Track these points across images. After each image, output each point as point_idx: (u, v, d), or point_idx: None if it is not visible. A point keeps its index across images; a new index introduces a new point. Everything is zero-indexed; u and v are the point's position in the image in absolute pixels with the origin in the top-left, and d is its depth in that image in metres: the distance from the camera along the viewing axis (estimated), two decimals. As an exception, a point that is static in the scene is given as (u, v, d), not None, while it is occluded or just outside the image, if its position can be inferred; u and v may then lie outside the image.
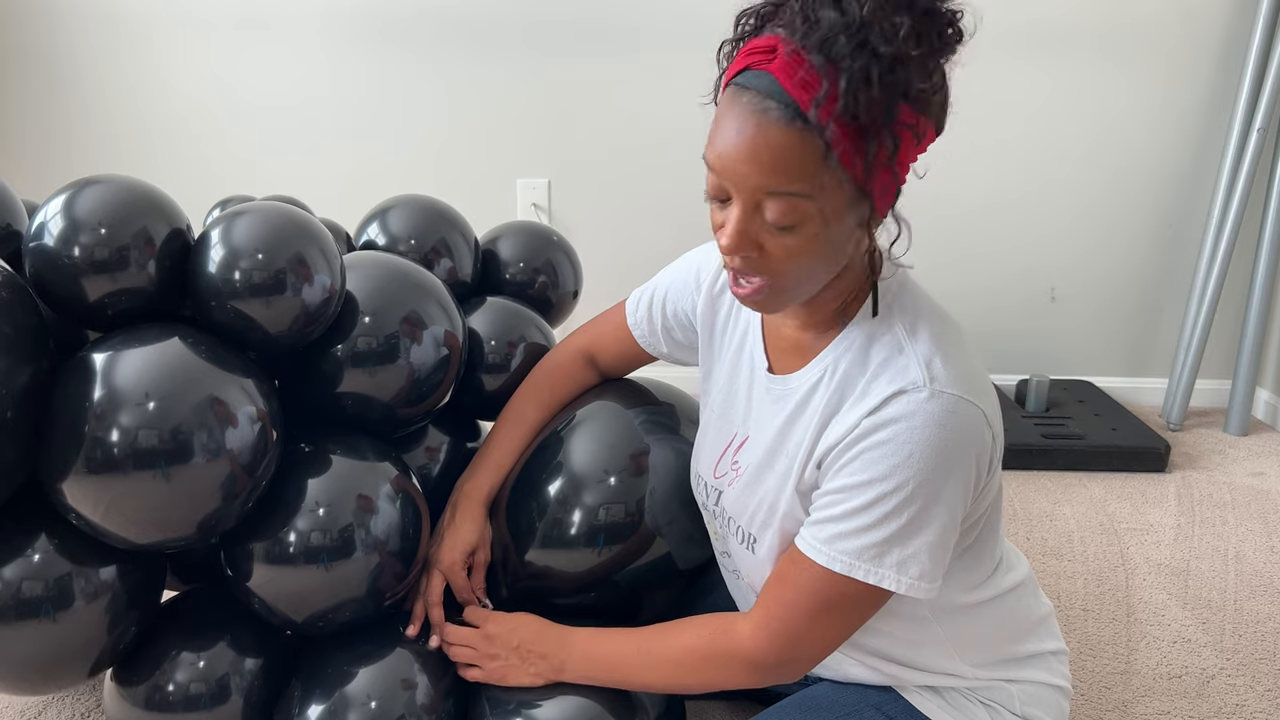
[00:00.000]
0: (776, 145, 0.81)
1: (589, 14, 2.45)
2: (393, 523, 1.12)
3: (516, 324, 1.39)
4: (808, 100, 0.79)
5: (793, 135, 0.80)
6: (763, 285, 0.89)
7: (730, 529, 1.09)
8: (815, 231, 0.85)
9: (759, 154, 0.82)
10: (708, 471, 1.13)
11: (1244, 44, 2.39)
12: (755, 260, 0.88)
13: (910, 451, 0.88)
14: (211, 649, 1.14)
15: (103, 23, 2.48)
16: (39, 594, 1.02)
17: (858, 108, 0.78)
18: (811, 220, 0.84)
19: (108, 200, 1.04)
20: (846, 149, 0.80)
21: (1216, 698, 1.46)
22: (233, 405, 1.02)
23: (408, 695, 1.09)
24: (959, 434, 0.89)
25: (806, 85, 0.79)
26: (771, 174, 0.82)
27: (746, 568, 1.09)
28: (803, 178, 0.81)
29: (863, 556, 0.90)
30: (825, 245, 0.86)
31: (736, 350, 1.11)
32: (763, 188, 0.83)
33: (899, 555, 0.90)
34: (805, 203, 0.83)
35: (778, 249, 0.86)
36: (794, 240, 0.85)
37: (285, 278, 1.06)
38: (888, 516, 0.89)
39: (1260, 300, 2.43)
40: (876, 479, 0.89)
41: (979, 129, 2.48)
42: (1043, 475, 2.23)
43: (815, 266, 0.88)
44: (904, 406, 0.89)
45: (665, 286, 1.22)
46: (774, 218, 0.84)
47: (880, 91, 0.78)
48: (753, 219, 0.86)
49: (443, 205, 1.47)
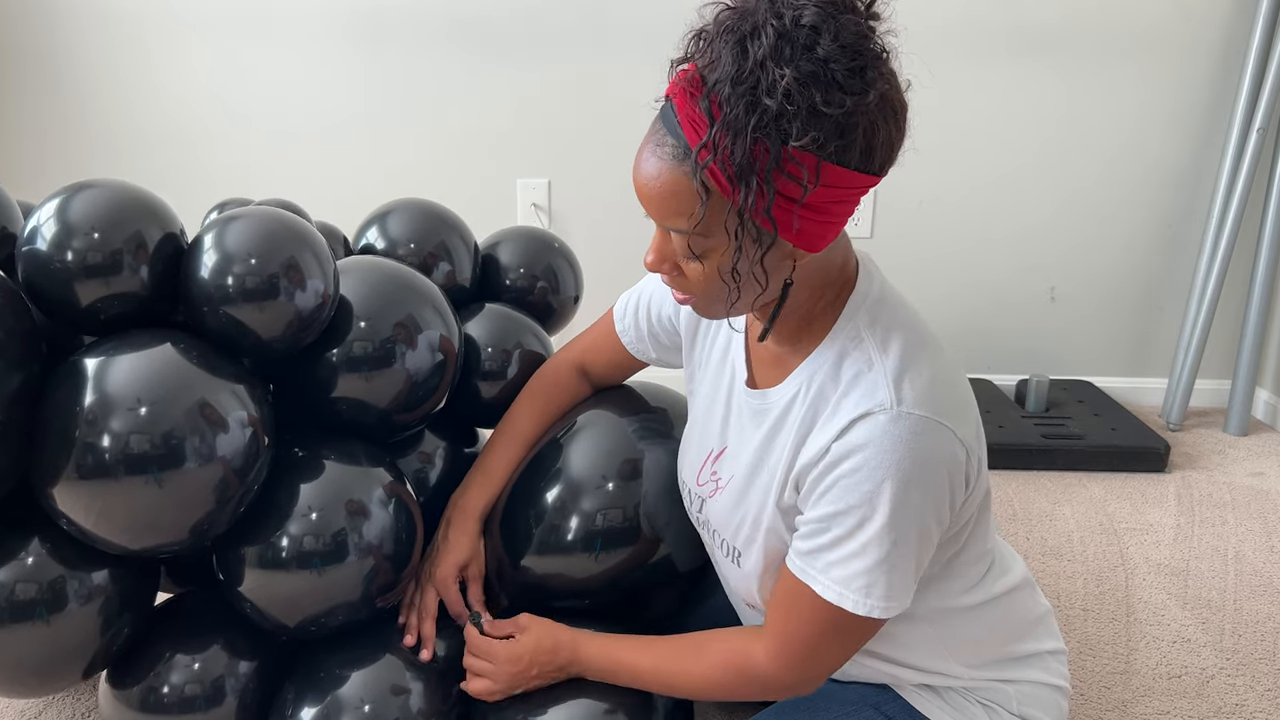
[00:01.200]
0: (667, 184, 0.85)
1: (589, 14, 2.45)
2: (385, 528, 1.12)
3: (513, 331, 1.39)
4: (695, 140, 0.81)
5: (681, 175, 0.83)
6: (690, 300, 0.94)
7: (715, 540, 1.10)
8: (721, 263, 0.87)
9: (654, 191, 0.86)
10: (691, 478, 1.14)
11: (1244, 44, 2.39)
12: (677, 279, 0.93)
13: (882, 478, 0.88)
14: (206, 651, 1.14)
15: (102, 23, 2.48)
16: (32, 597, 1.02)
17: (731, 155, 0.79)
18: (714, 252, 0.87)
19: (101, 204, 1.04)
20: (728, 192, 0.81)
21: (1216, 698, 1.46)
22: (224, 411, 1.02)
23: (401, 700, 1.09)
24: (928, 456, 0.89)
25: (695, 126, 0.81)
26: (665, 211, 0.86)
27: (733, 580, 1.10)
28: (692, 216, 0.84)
29: (851, 586, 0.91)
30: (741, 275, 0.88)
31: (720, 360, 1.11)
32: (662, 220, 0.88)
33: (886, 583, 0.91)
34: (699, 239, 0.86)
35: (691, 273, 0.90)
36: (703, 267, 0.89)
37: (278, 283, 1.06)
38: (868, 545, 0.90)
39: (1260, 300, 2.43)
40: (854, 506, 0.89)
41: (979, 130, 2.48)
42: (1043, 475, 2.22)
43: (734, 292, 0.90)
44: (870, 431, 0.89)
45: (650, 291, 1.22)
46: (677, 248, 0.89)
47: (752, 142, 0.78)
48: (666, 243, 0.91)
49: (442, 209, 1.47)
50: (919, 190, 2.51)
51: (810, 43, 0.78)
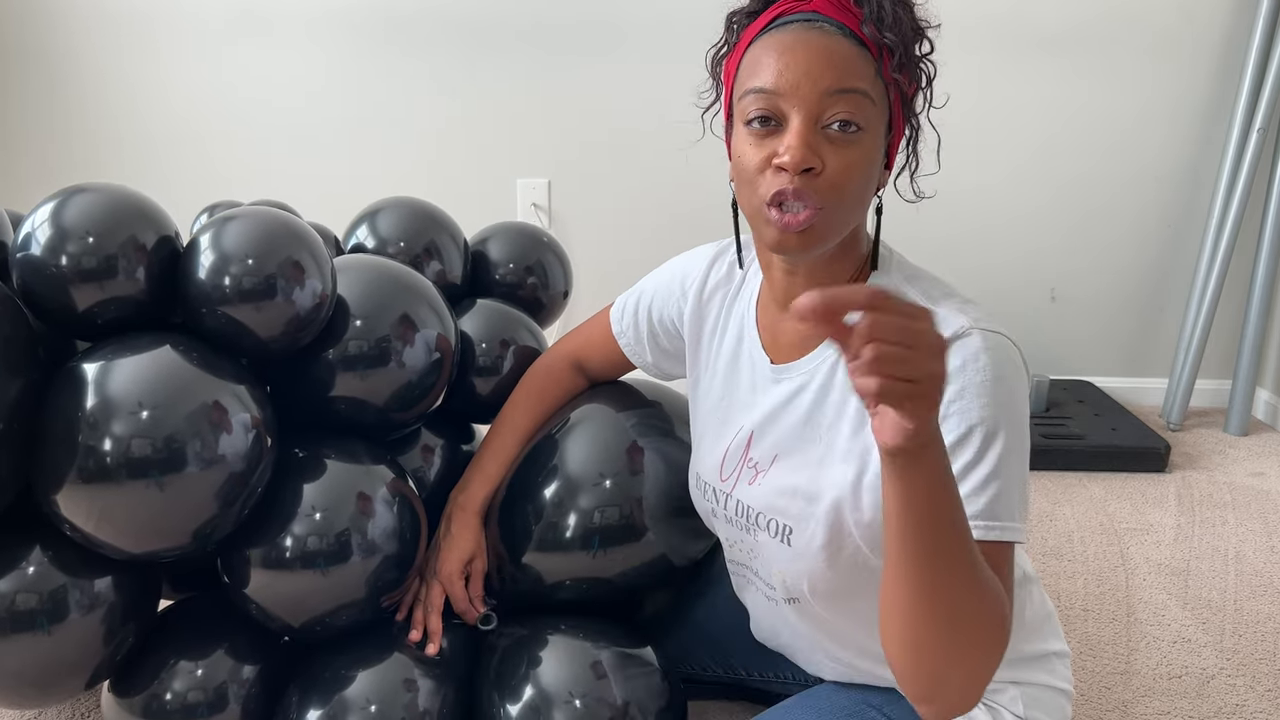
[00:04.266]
0: (839, 49, 0.87)
1: (589, 14, 2.45)
2: (389, 526, 1.12)
3: (506, 326, 1.38)
4: (856, 22, 0.87)
5: (850, 45, 0.87)
6: (813, 214, 0.88)
7: (759, 524, 1.04)
8: (870, 146, 0.89)
9: (827, 56, 0.87)
10: (712, 476, 1.11)
11: (1244, 44, 2.39)
12: (812, 181, 0.87)
13: (993, 389, 0.86)
14: (209, 657, 1.14)
15: (102, 23, 2.48)
16: (34, 607, 1.02)
17: (898, 30, 0.87)
18: (869, 130, 0.88)
19: (95, 208, 1.04)
20: (890, 68, 0.88)
21: (1216, 698, 1.46)
22: (226, 412, 1.02)
23: (407, 698, 1.09)
24: (1016, 363, 0.90)
25: (850, 13, 0.88)
26: (840, 72, 0.87)
27: (778, 563, 1.04)
28: (864, 78, 0.87)
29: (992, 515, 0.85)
30: (871, 168, 0.90)
31: (733, 353, 1.10)
32: (831, 87, 0.86)
33: (1019, 499, 0.87)
34: (868, 103, 0.88)
35: (837, 163, 0.87)
36: (853, 153, 0.88)
37: (276, 283, 1.06)
38: (999, 462, 0.86)
39: (1260, 300, 2.43)
40: (975, 425, 0.86)
41: (979, 129, 2.48)
42: (1043, 475, 2.22)
43: (861, 192, 0.91)
44: (970, 346, 0.88)
45: (651, 293, 1.21)
46: (844, 115, 0.87)
47: (909, 20, 0.88)
48: (814, 130, 0.87)
49: (432, 207, 1.46)
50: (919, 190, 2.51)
51: None
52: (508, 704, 1.10)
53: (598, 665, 1.11)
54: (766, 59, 0.88)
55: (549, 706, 1.08)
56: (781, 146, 0.87)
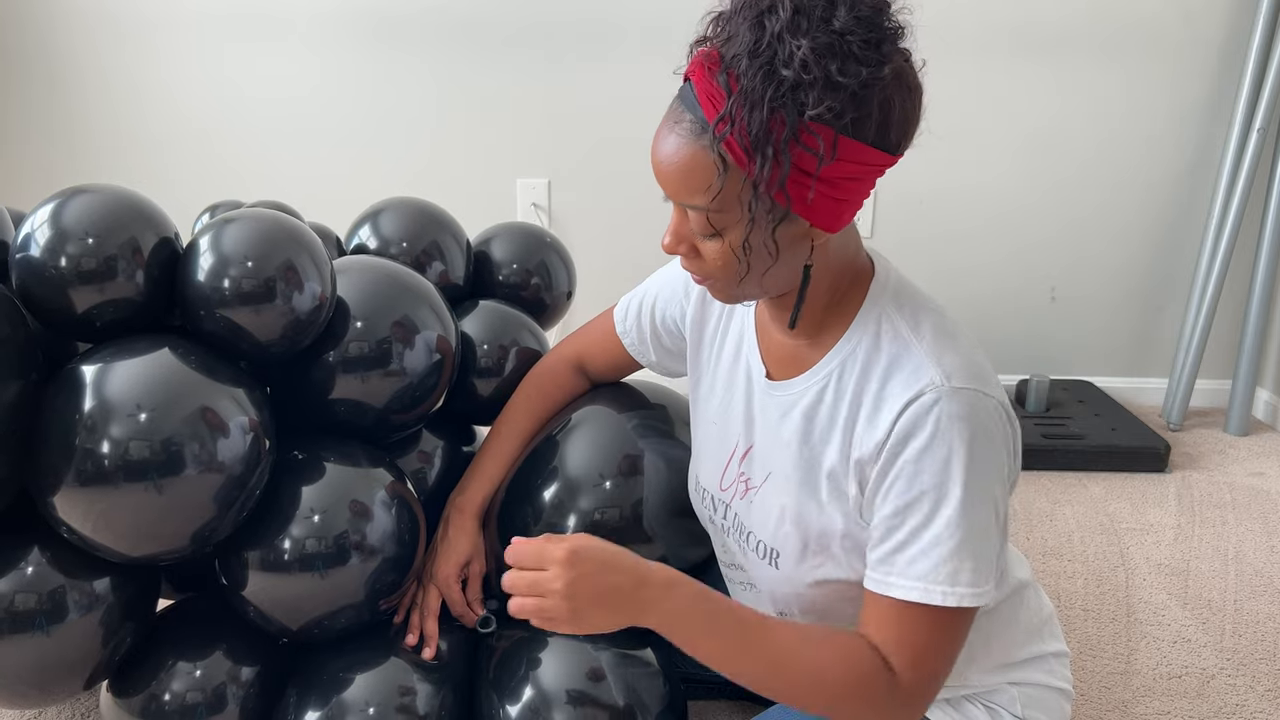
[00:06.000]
0: (685, 160, 0.85)
1: (590, 14, 2.45)
2: (388, 528, 1.12)
3: (508, 328, 1.38)
4: (712, 115, 0.82)
5: (699, 150, 0.84)
6: (709, 283, 0.94)
7: (749, 543, 1.06)
8: (737, 240, 0.87)
9: (672, 167, 0.86)
10: (712, 484, 1.11)
11: (1244, 44, 2.39)
12: (695, 261, 0.92)
13: (947, 456, 0.87)
14: (207, 658, 1.14)
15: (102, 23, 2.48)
16: (32, 607, 1.02)
17: (749, 126, 0.80)
18: (731, 229, 0.87)
19: (94, 210, 1.04)
20: (744, 164, 0.82)
21: (1216, 698, 1.46)
22: (224, 415, 1.02)
23: (406, 700, 1.09)
24: (985, 427, 0.88)
25: (713, 100, 0.82)
26: (682, 188, 0.86)
27: (768, 582, 1.06)
28: (709, 192, 0.84)
29: (935, 578, 0.87)
30: (756, 255, 0.87)
31: (732, 361, 1.09)
32: (678, 198, 0.88)
33: (972, 568, 0.87)
34: (717, 215, 0.86)
35: (708, 253, 0.90)
36: (719, 246, 0.88)
37: (275, 285, 1.06)
38: (949, 527, 0.87)
39: (1260, 300, 2.42)
40: (926, 491, 0.87)
41: (979, 129, 2.47)
42: (1043, 475, 2.22)
43: (752, 272, 0.89)
44: (927, 409, 0.88)
45: (654, 293, 1.21)
46: (694, 226, 0.89)
47: (768, 113, 0.79)
48: (684, 223, 0.91)
49: (434, 207, 1.46)
50: (919, 189, 2.51)
51: (827, 15, 0.79)
52: (507, 705, 1.10)
53: (597, 666, 1.11)
54: (658, 131, 0.89)
55: (549, 708, 1.08)
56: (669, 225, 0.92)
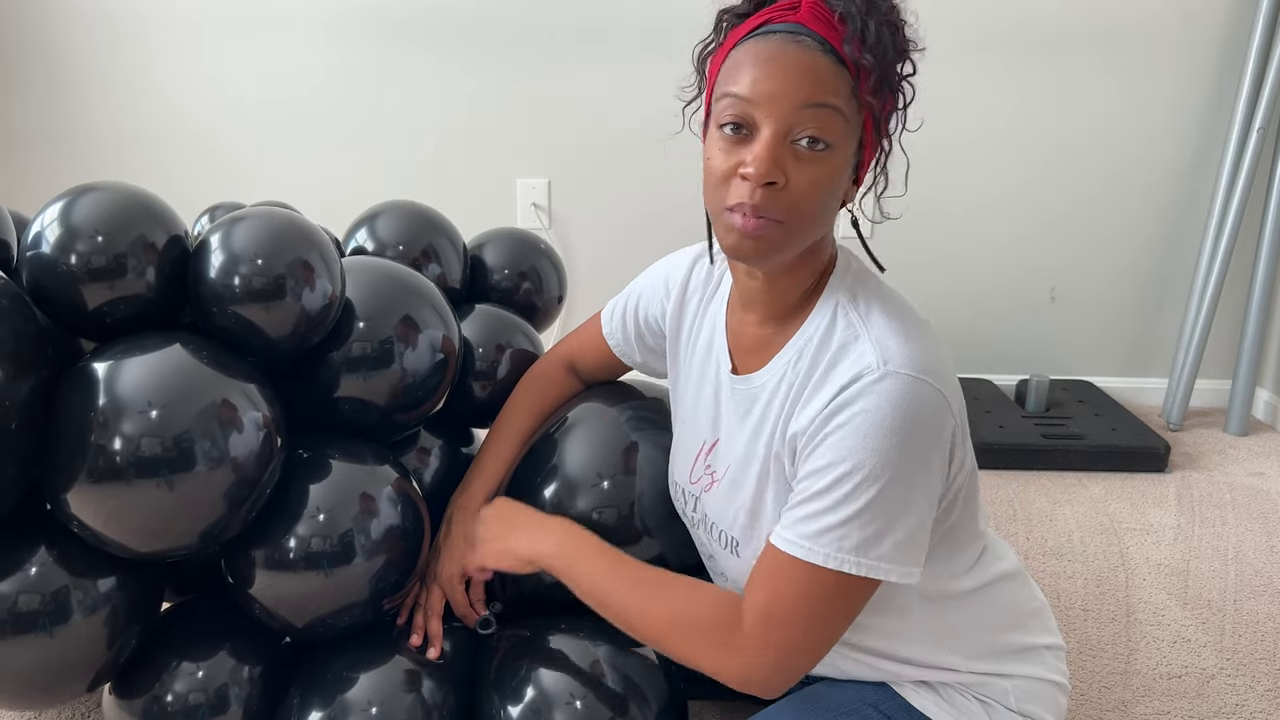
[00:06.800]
0: (816, 63, 0.87)
1: (590, 14, 2.45)
2: (393, 526, 1.13)
3: (504, 331, 1.40)
4: (838, 39, 0.87)
5: (829, 62, 0.87)
6: (773, 224, 0.89)
7: (713, 534, 1.09)
8: (837, 163, 0.89)
9: (801, 69, 0.87)
10: (684, 478, 1.14)
11: (1244, 44, 2.39)
12: (774, 195, 0.88)
13: (866, 432, 0.88)
14: (210, 659, 1.14)
15: (101, 23, 2.48)
16: (36, 608, 1.01)
17: (879, 51, 0.86)
18: (837, 147, 0.88)
19: (105, 207, 1.04)
20: (866, 89, 0.87)
21: (1216, 698, 1.46)
22: (237, 411, 1.02)
23: (409, 700, 1.09)
24: (915, 412, 0.88)
25: (833, 29, 0.87)
26: (813, 86, 0.87)
27: (732, 572, 1.09)
28: (838, 95, 0.87)
29: (824, 540, 0.89)
30: (835, 184, 0.90)
31: (704, 356, 1.12)
32: (803, 100, 0.87)
33: (859, 538, 0.88)
34: (839, 119, 0.88)
35: (801, 179, 0.88)
36: (818, 170, 0.88)
37: (286, 283, 1.06)
38: (847, 497, 0.88)
39: (1260, 300, 2.43)
40: (842, 458, 0.88)
41: (980, 128, 2.48)
42: (1043, 475, 2.23)
43: (823, 208, 0.91)
44: (860, 389, 0.89)
45: (638, 294, 1.24)
46: (813, 130, 0.87)
47: (893, 41, 0.87)
48: (783, 144, 0.88)
49: (431, 211, 1.47)
50: (919, 190, 2.51)
51: None
52: (508, 705, 1.11)
53: (597, 665, 1.12)
54: (746, 65, 0.88)
55: (549, 707, 1.08)
56: (749, 156, 0.88)
